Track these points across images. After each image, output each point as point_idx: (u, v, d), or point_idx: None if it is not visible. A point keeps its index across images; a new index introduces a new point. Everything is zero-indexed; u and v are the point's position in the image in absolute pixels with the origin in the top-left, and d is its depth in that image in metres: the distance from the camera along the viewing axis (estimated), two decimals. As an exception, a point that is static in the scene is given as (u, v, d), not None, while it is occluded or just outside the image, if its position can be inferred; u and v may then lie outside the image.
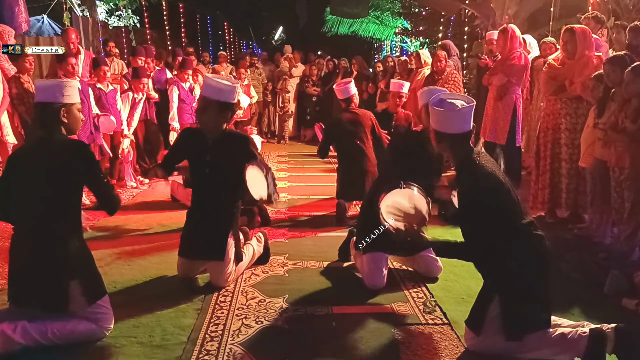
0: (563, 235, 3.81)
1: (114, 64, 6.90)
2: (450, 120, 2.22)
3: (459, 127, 2.22)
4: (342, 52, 12.44)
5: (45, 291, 2.25)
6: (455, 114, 2.20)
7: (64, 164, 2.28)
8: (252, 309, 2.72)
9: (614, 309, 2.69)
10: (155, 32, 12.15)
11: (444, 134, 2.25)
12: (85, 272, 2.34)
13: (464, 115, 2.21)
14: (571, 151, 3.92)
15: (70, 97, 2.37)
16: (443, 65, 6.10)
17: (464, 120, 2.21)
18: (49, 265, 2.25)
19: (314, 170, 6.69)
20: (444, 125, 2.24)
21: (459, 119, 2.21)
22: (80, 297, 2.28)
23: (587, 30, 3.92)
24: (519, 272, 2.13)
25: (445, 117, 2.22)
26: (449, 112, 2.21)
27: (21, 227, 2.33)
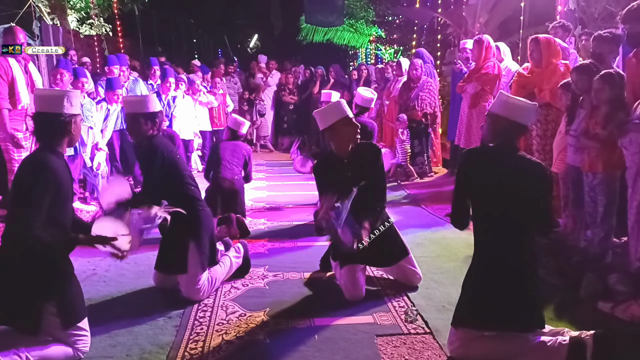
0: (538, 240, 3.88)
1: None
2: (524, 111, 2.31)
3: (525, 119, 2.32)
4: (317, 60, 12.49)
5: (18, 312, 2.16)
6: (530, 108, 2.33)
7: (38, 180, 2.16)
8: (232, 323, 2.68)
9: (590, 312, 2.75)
10: (128, 40, 11.95)
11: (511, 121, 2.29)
12: (63, 294, 2.24)
13: (533, 112, 2.39)
14: (542, 157, 4.01)
15: (77, 108, 2.31)
16: (419, 72, 6.20)
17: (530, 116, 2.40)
18: (23, 285, 2.15)
19: (292, 179, 6.67)
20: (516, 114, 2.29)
21: (529, 112, 2.35)
22: (55, 320, 2.19)
23: (552, 39, 4.05)
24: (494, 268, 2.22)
25: (521, 107, 2.30)
26: (527, 105, 2.32)
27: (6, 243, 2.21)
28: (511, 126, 2.28)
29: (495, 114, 2.32)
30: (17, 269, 2.15)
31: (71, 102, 2.25)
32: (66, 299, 2.25)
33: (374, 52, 15.63)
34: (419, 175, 6.41)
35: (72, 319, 2.25)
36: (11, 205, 2.23)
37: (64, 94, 2.29)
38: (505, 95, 2.37)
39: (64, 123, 2.23)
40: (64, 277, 2.28)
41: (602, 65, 3.43)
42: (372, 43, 14.99)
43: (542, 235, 2.80)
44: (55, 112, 2.22)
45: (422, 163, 6.47)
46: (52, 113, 2.22)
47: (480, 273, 2.29)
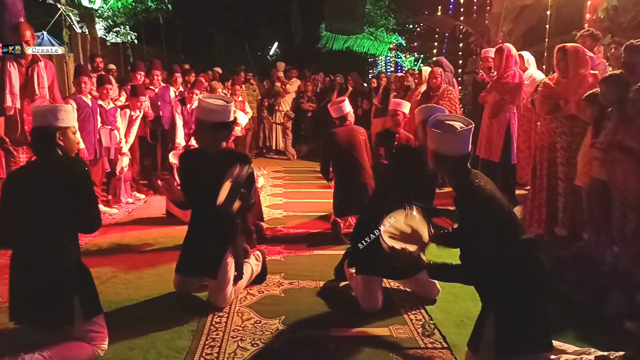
0: (562, 254, 3.79)
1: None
2: (449, 142, 2.18)
3: (457, 150, 2.19)
4: (336, 67, 12.54)
5: (49, 306, 2.26)
6: (455, 136, 2.17)
7: (60, 182, 2.29)
8: (247, 330, 2.68)
9: (616, 331, 2.66)
10: (151, 48, 12.21)
11: (443, 155, 2.22)
12: (84, 288, 2.35)
13: (463, 138, 2.18)
14: (567, 170, 3.91)
15: (65, 121, 2.39)
16: (439, 81, 6.13)
17: (463, 143, 2.18)
18: (51, 280, 2.26)
19: (309, 186, 6.67)
20: (442, 147, 2.21)
21: (458, 141, 2.18)
22: (78, 313, 2.28)
23: (580, 49, 3.95)
24: (514, 293, 2.11)
25: (444, 139, 2.19)
26: (448, 134, 2.18)
27: (21, 246, 2.31)
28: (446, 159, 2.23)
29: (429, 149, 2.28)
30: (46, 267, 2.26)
31: (57, 116, 2.36)
32: (88, 293, 2.37)
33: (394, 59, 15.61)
34: (438, 185, 6.33)
35: (92, 312, 2.36)
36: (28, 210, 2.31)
37: (51, 109, 2.45)
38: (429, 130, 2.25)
39: (50, 135, 2.34)
40: (85, 272, 2.40)
41: (632, 76, 3.34)
42: (392, 51, 14.98)
43: None
44: (43, 125, 2.35)
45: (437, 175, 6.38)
46: (42, 127, 2.36)
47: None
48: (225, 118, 2.91)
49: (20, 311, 2.28)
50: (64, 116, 2.39)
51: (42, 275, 2.26)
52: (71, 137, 2.43)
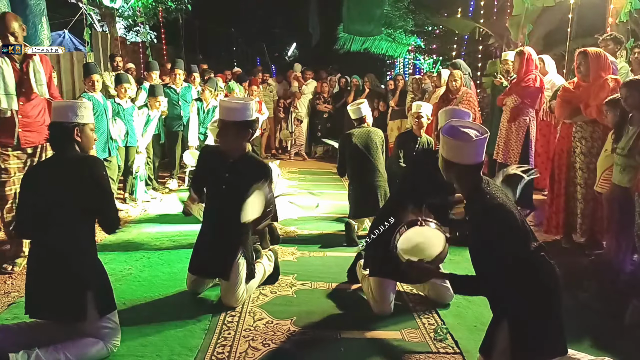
0: (580, 261, 3.72)
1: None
2: (462, 150, 2.13)
3: (471, 159, 2.13)
4: (354, 68, 12.50)
5: (63, 301, 2.29)
6: (469, 145, 2.12)
7: (77, 178, 2.32)
8: (259, 330, 2.69)
9: (635, 341, 2.60)
10: (171, 47, 12.36)
11: (455, 163, 2.17)
12: (99, 284, 2.38)
13: (478, 147, 2.12)
14: (586, 175, 3.84)
15: (84, 117, 2.44)
16: (458, 84, 6.07)
17: (477, 152, 2.13)
18: (66, 276, 2.29)
19: (324, 187, 6.66)
20: (456, 156, 2.15)
21: (472, 150, 2.12)
22: (92, 309, 2.30)
23: (602, 53, 3.87)
24: (527, 299, 2.08)
25: (457, 147, 2.14)
26: (462, 143, 2.12)
27: (37, 240, 2.36)
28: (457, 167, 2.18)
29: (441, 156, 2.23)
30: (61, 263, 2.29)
31: (76, 112, 2.40)
32: (102, 289, 2.39)
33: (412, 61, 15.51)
34: (455, 190, 6.27)
35: (107, 308, 2.38)
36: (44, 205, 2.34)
37: (71, 104, 2.46)
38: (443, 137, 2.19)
39: (68, 130, 2.38)
40: (100, 269, 2.43)
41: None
42: (410, 53, 14.89)
43: None
44: (61, 121, 2.39)
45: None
46: (59, 122, 2.40)
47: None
48: (247, 116, 2.92)
49: (35, 305, 2.32)
50: (84, 112, 2.43)
51: (56, 269, 2.29)
52: (89, 133, 2.47)
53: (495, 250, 2.06)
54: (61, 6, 9.21)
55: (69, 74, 7.01)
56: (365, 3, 12.34)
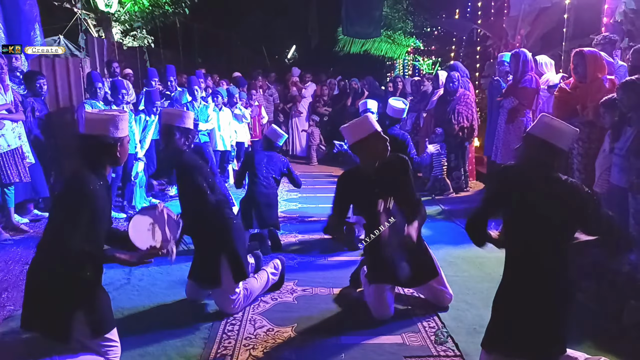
0: (578, 261, 3.71)
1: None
2: (564, 135, 2.23)
3: (565, 143, 2.24)
4: (354, 71, 12.51)
5: (49, 321, 2.23)
6: (570, 132, 2.24)
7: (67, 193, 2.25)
8: (260, 338, 2.69)
9: (632, 341, 2.61)
10: (169, 51, 12.36)
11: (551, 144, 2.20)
12: (92, 305, 2.29)
13: (574, 136, 2.32)
14: (584, 176, 3.84)
15: (124, 131, 2.34)
16: (456, 86, 6.09)
17: (570, 140, 2.32)
18: (56, 294, 2.22)
19: (325, 191, 6.66)
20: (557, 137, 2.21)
21: (570, 137, 2.27)
22: (85, 329, 2.25)
23: (598, 53, 3.88)
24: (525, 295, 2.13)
25: (562, 131, 2.22)
26: (568, 129, 2.23)
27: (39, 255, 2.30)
28: (551, 150, 2.20)
29: (535, 136, 2.24)
30: (48, 278, 2.22)
31: (117, 126, 2.27)
32: (95, 310, 2.29)
33: (412, 63, 15.52)
34: (454, 189, 6.28)
35: (101, 329, 2.30)
36: (50, 219, 2.31)
37: (111, 118, 2.28)
38: (548, 117, 2.27)
39: (109, 146, 2.27)
40: (93, 288, 2.32)
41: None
42: (409, 54, 14.90)
43: (621, 253, 2.75)
44: (100, 134, 2.25)
45: (459, 177, 6.34)
46: (98, 135, 2.25)
47: (513, 294, 2.22)
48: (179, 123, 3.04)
49: (28, 321, 2.26)
50: (124, 125, 2.32)
51: (47, 287, 2.22)
52: (126, 146, 2.38)
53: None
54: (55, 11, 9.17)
55: (65, 79, 6.99)
56: (364, 5, 12.34)
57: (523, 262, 2.20)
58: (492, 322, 2.29)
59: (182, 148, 3.06)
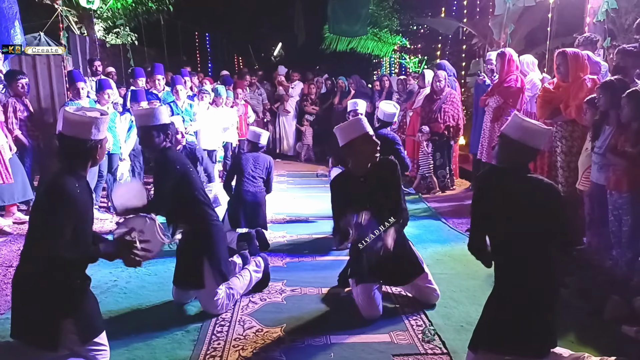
0: (561, 258, 3.78)
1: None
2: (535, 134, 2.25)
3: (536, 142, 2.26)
4: (341, 69, 12.52)
5: (37, 330, 2.18)
6: (541, 131, 2.26)
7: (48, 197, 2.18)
8: (249, 339, 2.69)
9: (614, 335, 2.67)
10: (153, 50, 12.21)
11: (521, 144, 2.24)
12: (80, 310, 2.25)
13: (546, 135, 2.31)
14: (567, 174, 3.92)
15: (104, 132, 2.31)
16: (442, 84, 6.14)
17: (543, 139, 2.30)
18: (43, 302, 2.17)
19: (312, 190, 6.68)
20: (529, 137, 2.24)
21: (541, 135, 2.27)
22: (73, 336, 2.21)
23: (580, 53, 3.95)
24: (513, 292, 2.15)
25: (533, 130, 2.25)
26: (538, 128, 2.26)
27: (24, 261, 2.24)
28: (523, 149, 2.24)
29: (508, 136, 2.28)
30: (34, 286, 2.17)
31: (99, 128, 2.23)
32: (83, 315, 2.25)
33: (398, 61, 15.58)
34: (440, 188, 6.34)
35: (89, 335, 2.27)
36: (30, 224, 2.26)
37: (92, 120, 2.22)
38: (520, 118, 2.30)
39: (90, 149, 2.23)
40: (80, 293, 2.28)
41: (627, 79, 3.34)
42: (396, 52, 14.96)
43: (565, 254, 2.71)
44: (81, 137, 2.20)
45: (444, 176, 6.40)
46: (79, 138, 2.20)
47: (500, 296, 2.25)
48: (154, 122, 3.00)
49: (15, 330, 2.22)
50: (104, 127, 2.29)
51: (33, 294, 2.17)
52: (105, 147, 2.36)
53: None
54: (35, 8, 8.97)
55: (46, 78, 6.86)
56: (350, 3, 12.35)
57: (509, 262, 2.23)
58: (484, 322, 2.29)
59: (165, 145, 3.02)
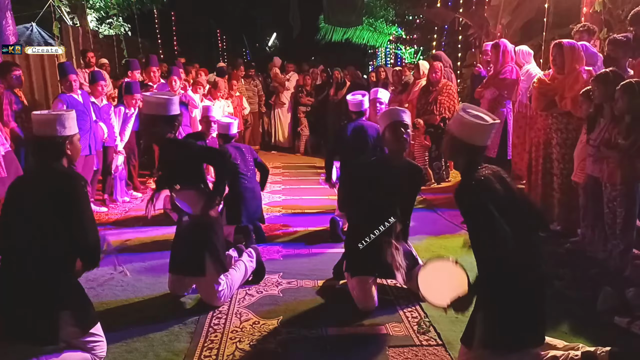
0: (556, 250, 3.82)
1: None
2: (475, 130, 2.20)
3: (479, 140, 2.21)
4: (336, 60, 12.48)
5: (35, 324, 2.19)
6: (482, 126, 2.20)
7: (52, 195, 2.21)
8: (246, 331, 2.71)
9: (606, 326, 2.70)
10: (146, 40, 12.09)
11: (463, 142, 2.21)
12: (76, 302, 2.29)
13: (489, 130, 2.22)
14: (562, 166, 3.94)
15: (72, 129, 2.33)
16: (438, 76, 6.12)
17: (486, 135, 2.23)
18: (38, 296, 2.19)
19: (308, 183, 6.68)
20: (467, 134, 2.20)
21: (483, 132, 2.21)
22: (72, 328, 2.23)
23: (576, 45, 3.95)
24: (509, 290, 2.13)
25: (471, 127, 2.19)
26: (477, 123, 2.20)
27: (11, 257, 2.25)
28: (464, 147, 2.21)
29: (450, 133, 2.27)
30: (30, 282, 2.19)
31: (64, 125, 2.28)
32: (79, 307, 2.29)
33: (394, 51, 15.53)
34: (436, 180, 6.36)
35: (87, 325, 2.30)
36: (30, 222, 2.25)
37: (56, 117, 2.30)
38: (459, 115, 2.25)
39: (58, 145, 2.28)
40: (75, 286, 2.33)
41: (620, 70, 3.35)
42: (391, 43, 14.91)
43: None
44: (49, 135, 2.27)
45: (439, 168, 6.41)
46: (47, 136, 2.27)
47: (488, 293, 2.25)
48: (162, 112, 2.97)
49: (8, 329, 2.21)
50: (71, 123, 2.32)
51: (27, 290, 2.18)
52: (77, 144, 2.38)
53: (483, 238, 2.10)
54: (27, -2, 8.83)
55: (39, 70, 6.79)
56: (345, -7, 12.30)
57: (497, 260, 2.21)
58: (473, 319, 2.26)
59: (169, 137, 3.02)
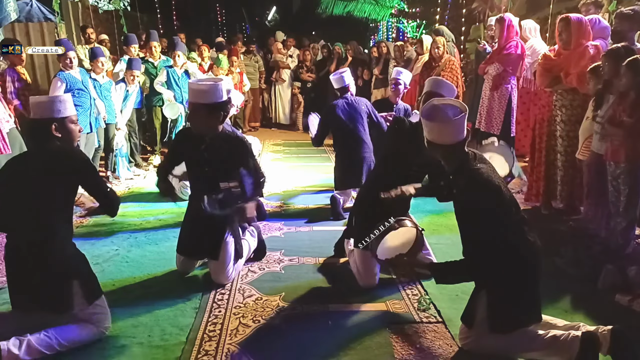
0: (558, 228, 3.84)
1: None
2: (442, 132, 2.15)
3: (452, 138, 2.15)
4: (336, 34, 12.26)
5: (49, 294, 2.28)
6: (448, 125, 2.13)
7: (56, 172, 2.30)
8: (249, 307, 2.75)
9: (607, 304, 2.73)
10: (146, 15, 11.90)
11: (437, 144, 2.19)
12: (83, 273, 2.39)
13: (458, 126, 2.13)
14: (566, 143, 3.91)
15: (62, 112, 2.37)
16: (441, 51, 6.02)
17: (458, 130, 2.14)
18: (49, 268, 2.27)
19: (309, 160, 6.66)
20: (437, 137, 2.18)
21: (452, 130, 2.14)
22: (80, 298, 2.31)
23: (583, 19, 3.86)
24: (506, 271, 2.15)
25: (437, 130, 2.16)
26: (441, 125, 2.14)
27: (16, 234, 2.33)
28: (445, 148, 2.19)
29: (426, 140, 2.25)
30: (43, 255, 2.27)
31: (53, 107, 2.34)
32: (86, 277, 2.39)
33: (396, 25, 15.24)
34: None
35: (93, 295, 2.38)
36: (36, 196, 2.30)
37: (52, 99, 2.39)
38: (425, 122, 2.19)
39: (46, 127, 2.33)
40: (82, 258, 2.43)
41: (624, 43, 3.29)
42: (393, 16, 14.61)
43: None
44: (45, 117, 2.33)
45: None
46: (43, 119, 2.33)
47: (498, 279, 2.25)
48: (216, 98, 2.85)
49: (20, 298, 2.32)
50: (61, 107, 2.36)
51: (37, 263, 2.26)
52: (69, 127, 2.40)
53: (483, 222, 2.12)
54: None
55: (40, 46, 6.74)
56: (346, -34, 11.98)
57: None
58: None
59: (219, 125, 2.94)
